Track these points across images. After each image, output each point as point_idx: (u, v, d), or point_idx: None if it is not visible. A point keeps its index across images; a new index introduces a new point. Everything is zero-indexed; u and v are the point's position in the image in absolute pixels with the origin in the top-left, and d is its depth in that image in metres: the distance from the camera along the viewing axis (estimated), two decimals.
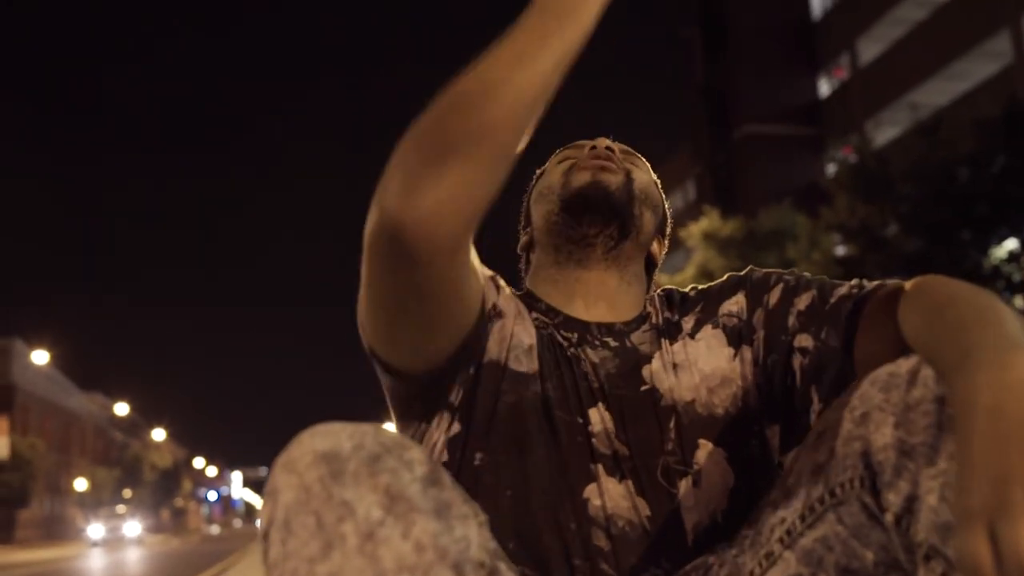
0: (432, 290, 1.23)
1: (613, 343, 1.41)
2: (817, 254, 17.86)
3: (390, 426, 1.31)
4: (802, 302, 1.35)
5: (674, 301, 1.51)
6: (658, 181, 1.58)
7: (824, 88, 33.44)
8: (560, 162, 1.52)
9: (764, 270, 1.47)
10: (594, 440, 1.33)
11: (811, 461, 1.09)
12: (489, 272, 1.43)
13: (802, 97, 33.23)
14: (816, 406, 1.28)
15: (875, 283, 1.31)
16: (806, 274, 1.43)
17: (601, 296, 1.46)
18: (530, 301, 1.47)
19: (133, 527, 49.71)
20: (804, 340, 1.32)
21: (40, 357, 44.87)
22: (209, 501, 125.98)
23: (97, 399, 70.20)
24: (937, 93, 26.14)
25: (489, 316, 1.37)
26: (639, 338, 1.43)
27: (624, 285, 1.48)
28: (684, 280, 21.59)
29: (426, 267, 1.19)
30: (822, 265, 17.47)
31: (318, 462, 0.95)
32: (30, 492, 44.94)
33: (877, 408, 1.03)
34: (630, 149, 1.56)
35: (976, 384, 0.92)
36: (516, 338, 1.38)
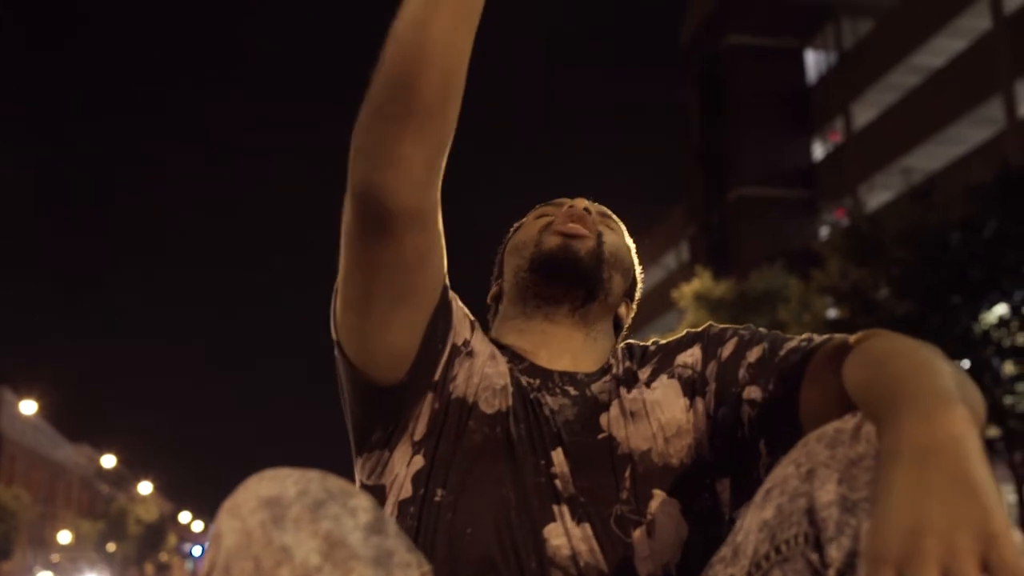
0: (400, 258, 1.29)
1: (573, 391, 1.41)
2: (808, 316, 17.85)
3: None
4: (753, 355, 1.35)
5: (635, 353, 1.52)
6: (632, 245, 1.59)
7: (818, 152, 33.69)
8: (537, 218, 1.56)
9: (722, 325, 1.48)
10: (556, 481, 1.33)
11: (758, 518, 1.08)
12: (470, 315, 1.47)
13: (797, 160, 33.46)
14: (764, 460, 1.28)
15: (824, 337, 1.30)
16: (762, 329, 1.42)
17: (566, 349, 1.47)
18: (497, 347, 1.48)
19: None
20: (753, 392, 1.32)
21: (28, 407, 44.64)
22: (194, 556, 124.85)
23: (84, 451, 69.82)
24: (930, 158, 26.33)
25: (459, 351, 1.40)
26: (599, 387, 1.43)
27: (590, 341, 1.49)
28: None
29: (393, 234, 1.26)
30: (813, 328, 17.41)
31: (261, 507, 0.95)
32: (13, 544, 44.50)
33: (822, 464, 1.03)
34: (607, 211, 1.59)
35: (901, 434, 0.93)
36: (488, 379, 1.39)
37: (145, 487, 77.53)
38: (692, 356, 1.44)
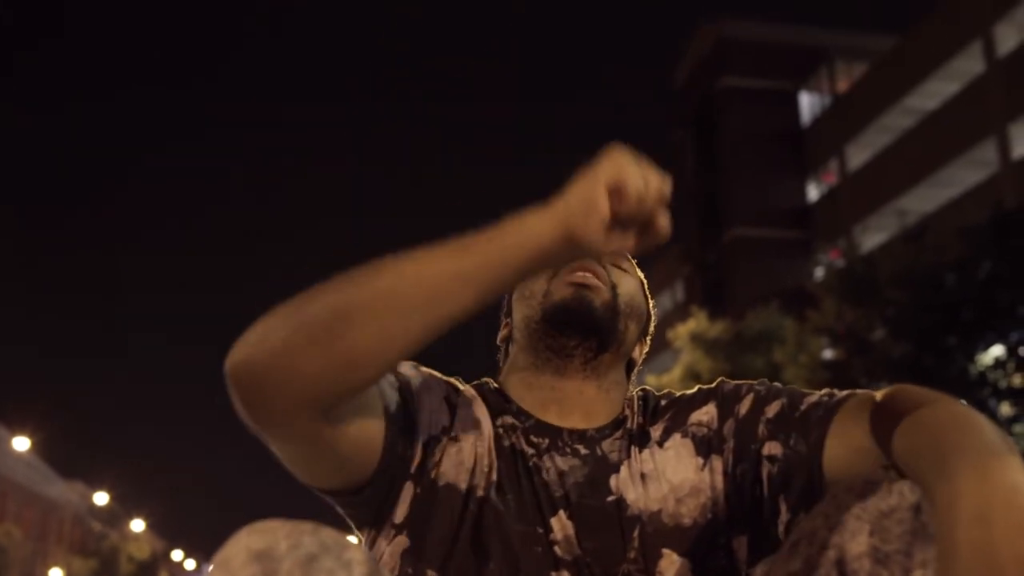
0: (312, 449, 1.22)
1: (583, 450, 1.39)
2: (804, 357, 17.84)
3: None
4: (772, 410, 1.33)
5: (649, 404, 1.49)
6: (644, 280, 1.56)
7: (813, 193, 33.78)
8: None
9: (735, 381, 1.45)
10: (556, 548, 1.30)
11: (785, 570, 1.09)
12: (442, 389, 1.42)
13: (791, 201, 33.54)
14: (784, 516, 1.26)
15: (846, 392, 1.29)
16: (777, 384, 1.41)
17: (577, 405, 1.43)
18: (501, 401, 1.45)
19: None
20: (773, 448, 1.29)
21: (22, 443, 44.37)
22: None
23: (77, 487, 69.28)
24: (924, 200, 26.42)
25: (439, 439, 1.36)
26: (609, 446, 1.40)
27: (602, 393, 1.46)
28: (671, 381, 21.55)
29: (276, 427, 1.18)
30: (809, 368, 17.45)
31: (251, 561, 0.93)
32: None
33: (853, 516, 1.02)
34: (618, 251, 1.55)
35: (958, 491, 0.90)
36: (478, 462, 1.35)
37: (138, 525, 76.87)
38: (707, 414, 1.42)
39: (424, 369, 1.43)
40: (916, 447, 1.03)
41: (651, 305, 1.57)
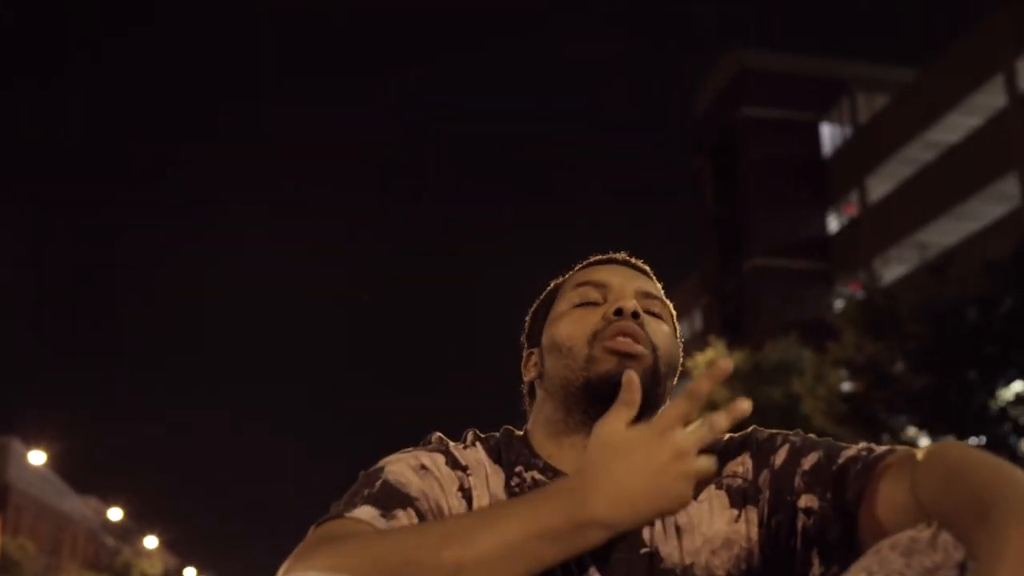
0: None
1: None
2: (823, 389, 17.74)
3: None
4: (808, 462, 1.33)
5: None
6: (674, 314, 1.54)
7: (833, 224, 33.73)
8: (580, 303, 1.47)
9: (769, 431, 1.45)
10: None
11: None
12: (455, 480, 1.37)
13: (811, 232, 33.48)
14: (816, 570, 1.27)
15: (885, 448, 1.29)
16: (812, 435, 1.40)
17: None
18: (527, 454, 1.44)
19: None
20: (809, 500, 1.29)
21: (37, 457, 44.49)
22: None
23: (91, 503, 69.37)
24: (945, 233, 26.36)
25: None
26: None
27: None
28: None
29: None
30: (827, 400, 17.35)
31: None
32: None
33: (897, 572, 1.03)
34: (649, 289, 1.51)
35: (1006, 541, 0.93)
36: None
37: (151, 541, 76.85)
38: (742, 465, 1.40)
39: (431, 461, 1.38)
40: (959, 501, 1.04)
41: (679, 337, 1.54)
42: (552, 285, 1.57)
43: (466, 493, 1.36)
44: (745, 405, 1.12)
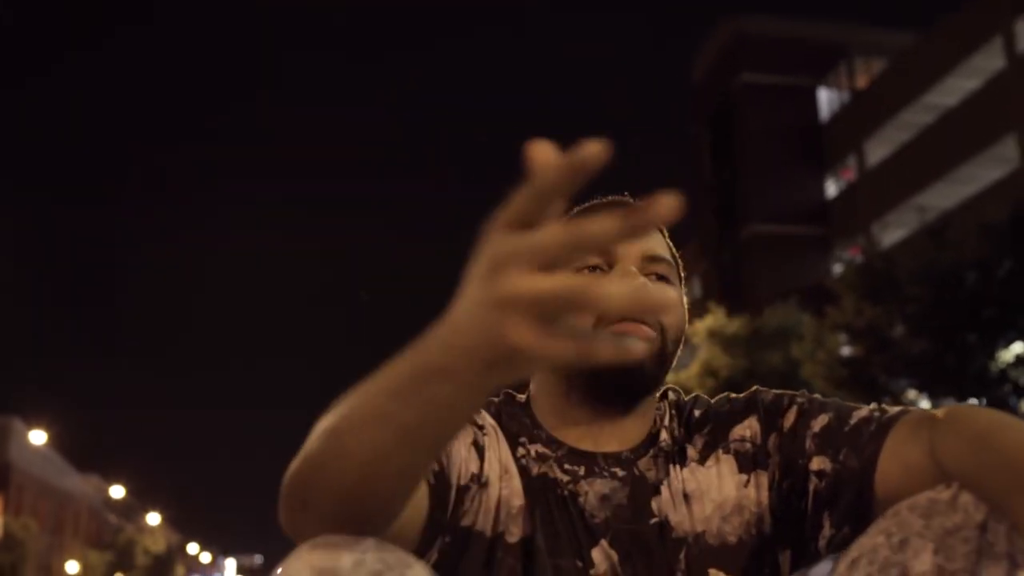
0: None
1: (620, 472, 1.35)
2: (822, 354, 17.76)
3: None
4: (818, 424, 1.30)
5: (683, 415, 1.44)
6: (682, 273, 1.45)
7: (831, 189, 33.71)
8: (579, 269, 1.32)
9: (773, 391, 1.40)
10: None
11: None
12: (469, 433, 1.30)
13: (810, 197, 33.47)
14: (827, 532, 1.25)
15: (898, 409, 1.26)
16: (817, 396, 1.37)
17: (613, 433, 1.39)
18: (529, 426, 1.39)
19: None
20: (821, 463, 1.27)
21: (38, 437, 44.68)
22: None
23: (93, 481, 69.76)
24: (943, 196, 26.33)
25: (468, 488, 1.28)
26: (646, 464, 1.37)
27: (639, 417, 1.41)
28: (688, 378, 21.52)
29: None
30: (827, 365, 17.37)
31: None
32: (21, 574, 44.42)
33: (916, 534, 1.02)
34: (658, 252, 1.38)
35: None
36: (505, 504, 1.30)
37: (153, 518, 77.43)
38: (749, 429, 1.38)
39: None
40: (990, 465, 1.03)
41: (686, 308, 1.45)
42: None
43: (479, 450, 1.31)
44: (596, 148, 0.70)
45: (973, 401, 15.48)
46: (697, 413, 1.43)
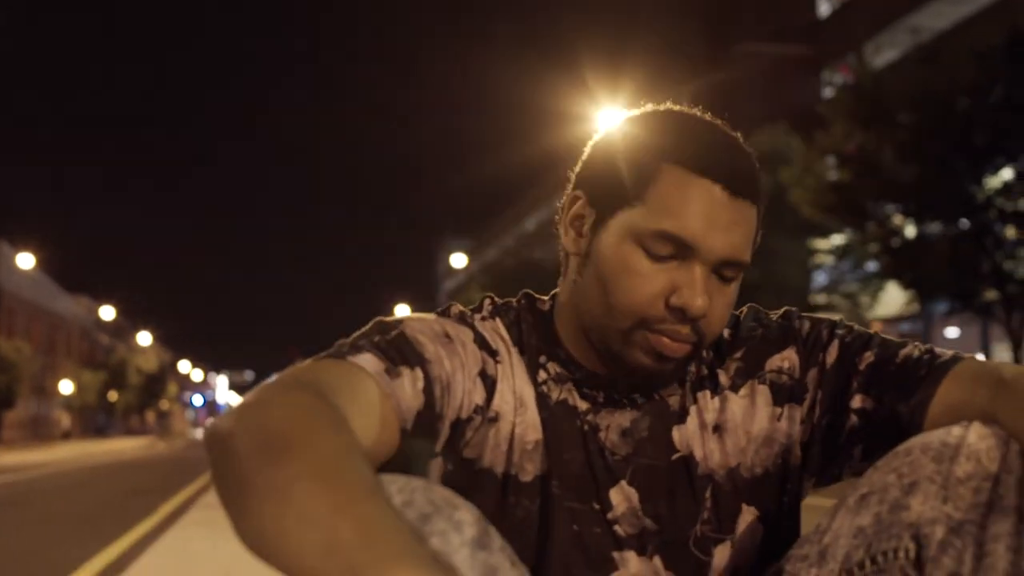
0: None
1: (640, 399, 1.29)
2: (811, 179, 17.71)
3: None
4: (863, 361, 1.25)
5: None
6: (748, 260, 1.24)
7: (824, 8, 33.04)
8: (648, 252, 1.18)
9: (809, 318, 1.33)
10: (616, 527, 1.24)
11: (852, 523, 1.07)
12: (477, 361, 1.24)
13: (801, 16, 32.84)
14: (855, 464, 1.24)
15: (950, 354, 1.22)
16: (855, 326, 1.32)
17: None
18: (551, 343, 1.31)
19: None
20: (863, 401, 1.23)
21: (26, 260, 44.80)
22: (195, 406, 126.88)
23: (83, 302, 70.33)
24: (938, 16, 25.84)
25: (471, 420, 1.22)
26: (670, 389, 1.30)
27: None
28: None
29: None
30: (815, 190, 17.37)
31: None
32: (16, 394, 45.20)
33: (927, 479, 1.02)
34: (738, 255, 1.20)
35: None
36: (519, 441, 1.25)
37: (144, 338, 78.49)
38: (787, 360, 1.30)
39: (456, 333, 1.25)
40: None
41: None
42: (643, 149, 1.26)
43: (487, 380, 1.24)
44: None
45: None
46: (727, 334, 1.33)
